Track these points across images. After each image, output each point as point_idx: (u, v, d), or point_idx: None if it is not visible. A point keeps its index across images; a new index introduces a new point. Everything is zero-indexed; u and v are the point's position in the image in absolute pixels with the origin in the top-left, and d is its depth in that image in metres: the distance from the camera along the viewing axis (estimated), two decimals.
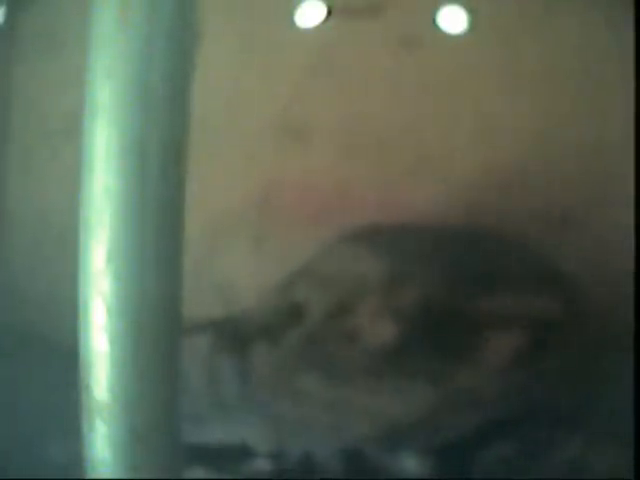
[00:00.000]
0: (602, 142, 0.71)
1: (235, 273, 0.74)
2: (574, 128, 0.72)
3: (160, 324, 0.38)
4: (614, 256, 0.69)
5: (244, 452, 0.69)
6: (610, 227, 0.70)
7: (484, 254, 0.71)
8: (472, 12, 0.72)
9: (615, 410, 0.65)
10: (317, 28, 0.72)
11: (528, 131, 0.71)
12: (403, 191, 0.72)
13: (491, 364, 0.67)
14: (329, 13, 0.72)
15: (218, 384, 0.71)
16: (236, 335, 0.71)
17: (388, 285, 0.69)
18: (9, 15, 0.76)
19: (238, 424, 0.70)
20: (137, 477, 0.39)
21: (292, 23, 0.72)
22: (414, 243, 0.72)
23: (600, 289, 0.70)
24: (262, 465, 0.69)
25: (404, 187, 0.72)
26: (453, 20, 0.72)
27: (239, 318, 0.72)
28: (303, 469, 0.68)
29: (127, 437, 0.39)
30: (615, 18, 0.70)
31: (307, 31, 0.72)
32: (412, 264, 0.70)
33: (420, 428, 0.68)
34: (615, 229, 0.68)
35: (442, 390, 0.67)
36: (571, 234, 0.72)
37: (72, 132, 0.40)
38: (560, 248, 0.72)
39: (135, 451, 0.39)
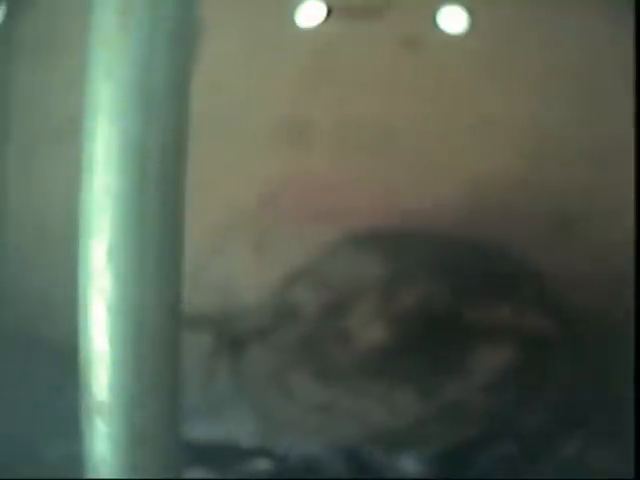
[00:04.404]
0: (604, 142, 0.71)
1: (236, 273, 0.74)
2: (576, 128, 0.72)
3: (160, 324, 0.38)
4: (615, 260, 0.69)
5: (236, 450, 0.69)
6: (612, 231, 0.70)
7: (483, 263, 0.71)
8: (472, 12, 0.72)
9: (615, 410, 0.65)
10: (317, 28, 0.72)
11: (529, 132, 0.71)
12: (404, 193, 0.72)
13: (481, 379, 0.67)
14: (329, 13, 0.72)
15: (213, 382, 0.71)
16: (233, 335, 0.71)
17: (384, 289, 0.69)
18: (9, 15, 0.76)
19: (231, 422, 0.70)
20: (137, 477, 0.39)
21: (292, 23, 0.72)
22: (414, 247, 0.72)
23: (600, 293, 0.70)
24: (255, 465, 0.69)
25: (405, 189, 0.72)
26: (453, 20, 0.72)
27: (237, 318, 0.72)
28: (295, 468, 0.68)
29: (127, 437, 0.39)
30: (617, 18, 0.70)
31: (307, 31, 0.72)
32: (410, 269, 0.70)
33: (407, 436, 0.68)
34: (617, 233, 0.68)
35: (429, 401, 0.67)
36: (572, 237, 0.72)
37: (72, 133, 0.40)
38: (561, 251, 0.71)
39: (135, 451, 0.39)
